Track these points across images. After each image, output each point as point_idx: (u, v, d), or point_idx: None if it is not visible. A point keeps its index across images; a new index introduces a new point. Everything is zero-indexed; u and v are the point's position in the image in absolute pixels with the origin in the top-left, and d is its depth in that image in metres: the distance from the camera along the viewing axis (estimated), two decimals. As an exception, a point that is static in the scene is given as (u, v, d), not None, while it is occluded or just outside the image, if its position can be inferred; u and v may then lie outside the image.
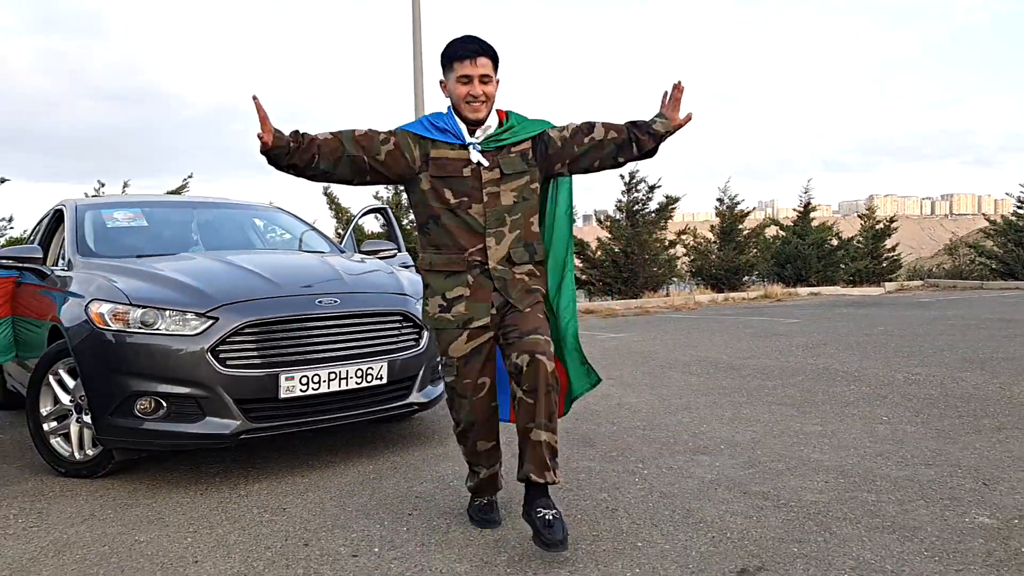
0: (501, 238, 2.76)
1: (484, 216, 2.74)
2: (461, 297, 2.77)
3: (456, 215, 2.76)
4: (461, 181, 2.75)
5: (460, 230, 2.76)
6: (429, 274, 2.84)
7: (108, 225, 4.89)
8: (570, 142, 2.82)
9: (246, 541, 2.88)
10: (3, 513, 3.34)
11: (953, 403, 4.60)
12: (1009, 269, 16.14)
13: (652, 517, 2.91)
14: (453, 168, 2.76)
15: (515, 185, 2.79)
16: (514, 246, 2.78)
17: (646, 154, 2.84)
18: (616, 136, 2.80)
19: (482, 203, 2.74)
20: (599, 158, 2.84)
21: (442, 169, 2.76)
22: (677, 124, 2.78)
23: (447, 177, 2.76)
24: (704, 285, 16.21)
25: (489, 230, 2.75)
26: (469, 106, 2.73)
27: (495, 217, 2.75)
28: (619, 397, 5.20)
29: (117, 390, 3.54)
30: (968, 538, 2.57)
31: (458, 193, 2.75)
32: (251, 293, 3.70)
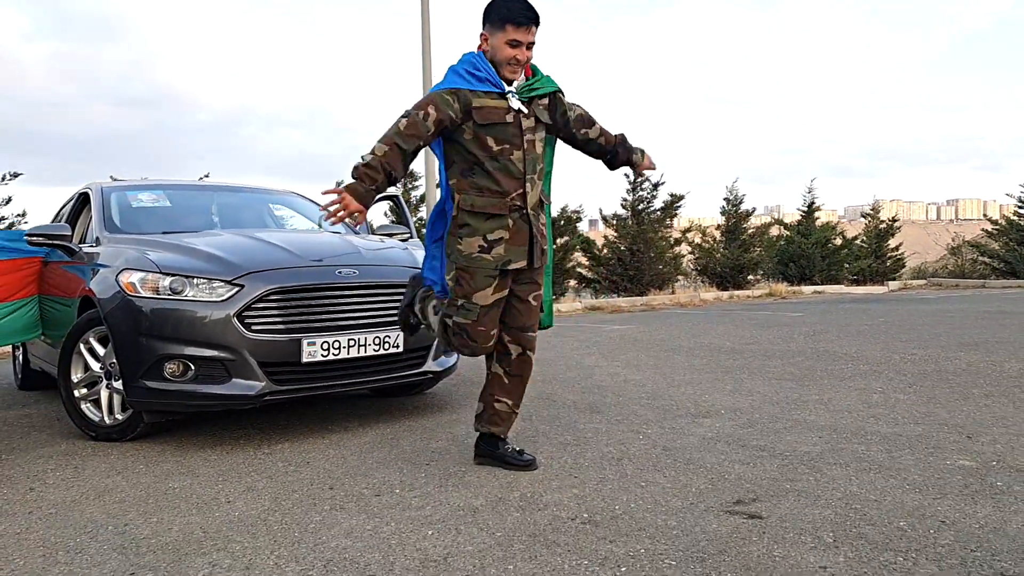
0: (534, 184, 3.02)
1: (524, 162, 2.97)
2: (501, 240, 2.95)
3: (499, 161, 2.94)
4: (503, 128, 2.94)
5: (503, 175, 2.94)
6: (470, 215, 2.96)
7: (133, 205, 5.10)
8: (573, 124, 3.19)
9: (274, 487, 3.07)
10: (40, 468, 3.53)
11: (946, 376, 4.78)
12: (1011, 268, 16.26)
13: (655, 464, 3.10)
14: (496, 116, 2.93)
15: (542, 135, 3.08)
16: (541, 191, 3.08)
17: (613, 162, 3.34)
18: (604, 144, 3.27)
19: (522, 149, 2.96)
20: (582, 148, 3.28)
21: (486, 117, 2.92)
22: (644, 167, 3.38)
23: (491, 124, 2.93)
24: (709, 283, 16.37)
25: (528, 175, 2.99)
26: (511, 67, 2.94)
27: (532, 163, 3.00)
28: (625, 375, 5.39)
29: (147, 354, 3.73)
30: (948, 476, 2.76)
31: (500, 140, 2.94)
32: (275, 263, 3.90)
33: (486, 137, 2.93)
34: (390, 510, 2.70)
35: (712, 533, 2.32)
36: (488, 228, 2.95)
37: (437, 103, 2.90)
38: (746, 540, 2.25)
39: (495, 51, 2.94)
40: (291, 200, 5.92)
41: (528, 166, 2.97)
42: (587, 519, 2.50)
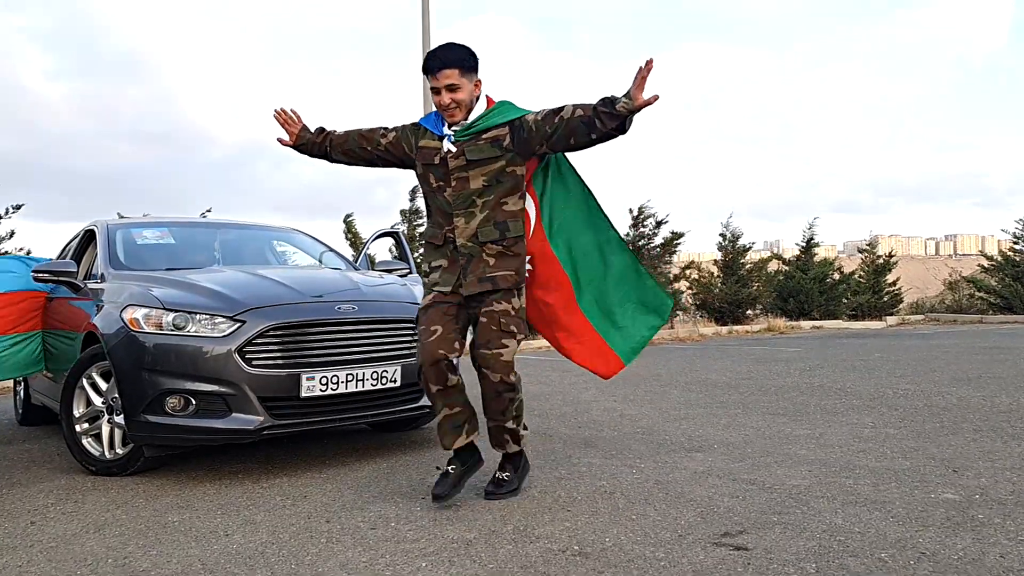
0: (471, 218, 3.17)
1: (453, 199, 3.17)
2: (440, 267, 3.25)
3: (436, 197, 3.25)
4: (435, 168, 3.22)
5: (439, 210, 3.26)
6: (425, 245, 3.35)
7: (138, 242, 5.20)
8: (542, 123, 3.11)
9: (272, 520, 3.12)
10: (41, 502, 3.59)
11: (936, 412, 4.84)
12: (1008, 303, 16.35)
13: (647, 498, 3.15)
14: (429, 157, 3.24)
15: (486, 170, 3.15)
16: (483, 225, 3.16)
17: (613, 130, 2.98)
18: (583, 115, 3.00)
19: (451, 187, 3.18)
20: (571, 135, 3.05)
21: (424, 157, 3.26)
22: (640, 104, 2.88)
23: (427, 164, 3.25)
24: (708, 318, 16.44)
25: (457, 211, 3.18)
26: (446, 112, 3.17)
27: (463, 199, 3.17)
28: (620, 410, 5.44)
29: (150, 389, 3.80)
30: (931, 508, 2.81)
31: (437, 179, 3.23)
32: (276, 299, 3.99)
33: (428, 174, 3.25)
34: (385, 543, 2.76)
35: (699, 564, 2.38)
36: (435, 256, 3.28)
37: (398, 132, 3.34)
38: (731, 571, 2.30)
39: (437, 109, 3.23)
40: (292, 237, 6.03)
41: (458, 203, 3.17)
42: (578, 551, 2.56)
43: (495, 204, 3.16)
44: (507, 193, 3.19)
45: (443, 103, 3.13)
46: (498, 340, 3.13)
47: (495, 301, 3.16)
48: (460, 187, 3.15)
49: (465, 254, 3.17)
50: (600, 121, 2.97)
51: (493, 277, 3.16)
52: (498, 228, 3.17)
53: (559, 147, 3.18)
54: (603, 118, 2.96)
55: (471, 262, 3.17)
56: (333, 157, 3.48)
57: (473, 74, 3.17)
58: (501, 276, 3.16)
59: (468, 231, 3.16)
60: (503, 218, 3.17)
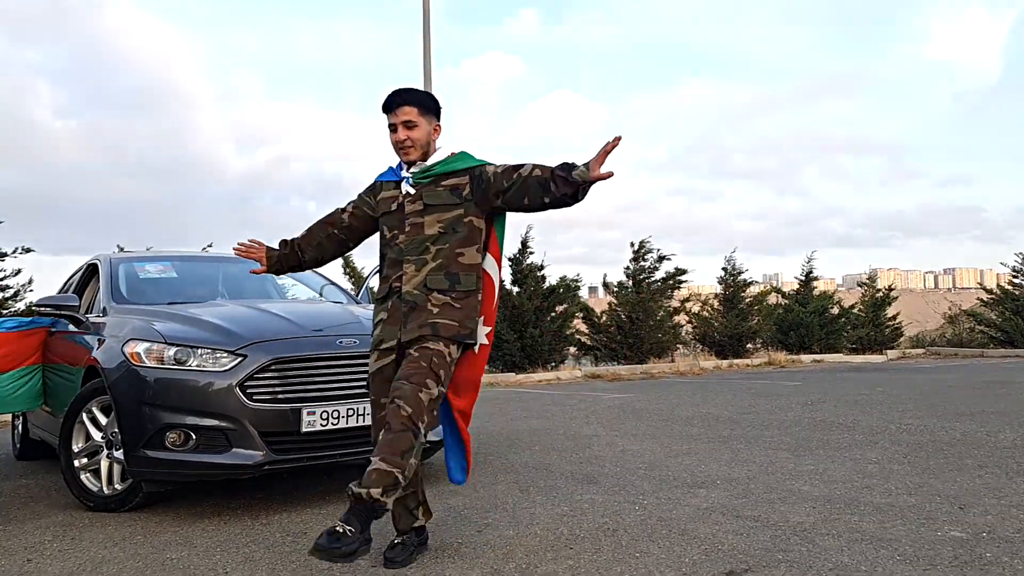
0: (422, 265, 2.96)
1: (406, 244, 2.99)
2: (381, 321, 3.02)
3: (389, 247, 3.06)
4: (392, 216, 3.06)
5: (390, 261, 3.05)
6: (374, 302, 3.17)
7: (140, 276, 5.21)
8: (500, 177, 3.00)
9: (271, 557, 3.09)
10: (38, 539, 3.55)
11: (941, 447, 4.81)
12: (1008, 337, 16.32)
13: (650, 535, 3.12)
14: (386, 205, 3.09)
15: (443, 217, 2.98)
16: (433, 273, 2.94)
17: (567, 197, 2.90)
18: (540, 175, 2.92)
19: (405, 232, 3.01)
20: (526, 195, 2.95)
21: (382, 207, 3.11)
22: (595, 177, 2.82)
23: (384, 214, 3.10)
24: (709, 352, 16.40)
25: (409, 257, 2.98)
26: (400, 151, 3.06)
27: (416, 245, 2.98)
28: (622, 445, 5.41)
29: (150, 423, 3.78)
30: (939, 547, 2.79)
31: (391, 228, 3.06)
32: (277, 333, 3.99)
33: (384, 227, 3.11)
34: (386, 581, 2.72)
35: (704, 604, 2.35)
36: (377, 312, 3.08)
37: (356, 201, 3.24)
38: (738, 611, 2.28)
39: (393, 148, 3.10)
40: (294, 271, 6.03)
41: (411, 248, 2.98)
42: (581, 590, 2.53)
43: (450, 253, 2.97)
44: (463, 243, 3.00)
45: (399, 139, 3.01)
46: (423, 377, 2.80)
47: (432, 340, 2.88)
48: (414, 232, 2.99)
49: (409, 302, 2.93)
50: (555, 184, 2.89)
51: (434, 323, 2.90)
52: (449, 279, 2.95)
53: (513, 204, 3.02)
54: (558, 182, 2.88)
55: (414, 311, 2.92)
56: (306, 259, 3.28)
57: (433, 117, 3.08)
58: (443, 324, 2.91)
59: (416, 279, 2.95)
60: (456, 269, 2.97)
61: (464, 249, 3.00)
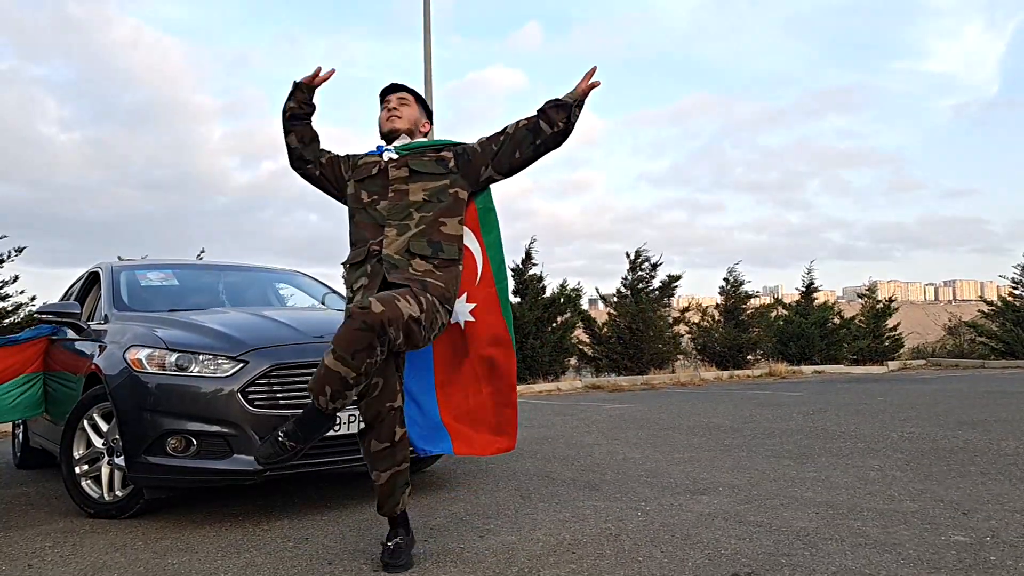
0: (404, 231, 2.93)
1: (388, 210, 2.99)
2: (361, 287, 2.93)
3: (367, 211, 3.04)
4: (373, 181, 3.09)
5: (368, 225, 3.02)
6: (347, 269, 3.09)
7: (142, 284, 5.22)
8: (487, 144, 3.09)
9: (273, 563, 3.08)
10: (38, 545, 3.54)
11: (943, 455, 4.80)
12: (1009, 348, 16.30)
13: (653, 540, 3.11)
14: (367, 170, 3.12)
15: (428, 185, 3.02)
16: (416, 239, 2.92)
17: (559, 131, 2.96)
18: (527, 122, 3.01)
19: (387, 199, 3.02)
20: (517, 147, 3.02)
21: (360, 173, 3.14)
22: (582, 89, 2.95)
23: (363, 179, 3.12)
24: (709, 363, 16.38)
25: (391, 221, 2.96)
26: (386, 119, 3.17)
27: (399, 210, 2.98)
28: (624, 453, 5.40)
29: (151, 429, 3.77)
30: (943, 551, 2.78)
31: (371, 192, 3.07)
32: (279, 339, 3.98)
33: (360, 190, 3.10)
34: (388, 585, 2.71)
35: (708, 607, 2.34)
36: (354, 278, 3.01)
37: (333, 155, 3.28)
38: (742, 614, 2.27)
39: (379, 126, 3.23)
40: (295, 279, 6.05)
41: (393, 213, 2.97)
42: (584, 594, 2.52)
43: (433, 221, 2.95)
44: (446, 213, 2.98)
45: (389, 107, 3.18)
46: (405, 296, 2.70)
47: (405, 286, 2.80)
48: (398, 198, 2.99)
49: (391, 263, 2.86)
50: (547, 120, 2.96)
51: (423, 281, 2.83)
52: (432, 246, 2.92)
53: (503, 164, 3.06)
54: (549, 113, 2.96)
55: (395, 270, 2.85)
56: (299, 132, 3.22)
57: (424, 113, 3.25)
58: (431, 283, 2.84)
59: (399, 243, 2.90)
60: (438, 238, 2.94)
61: (447, 219, 3.01)
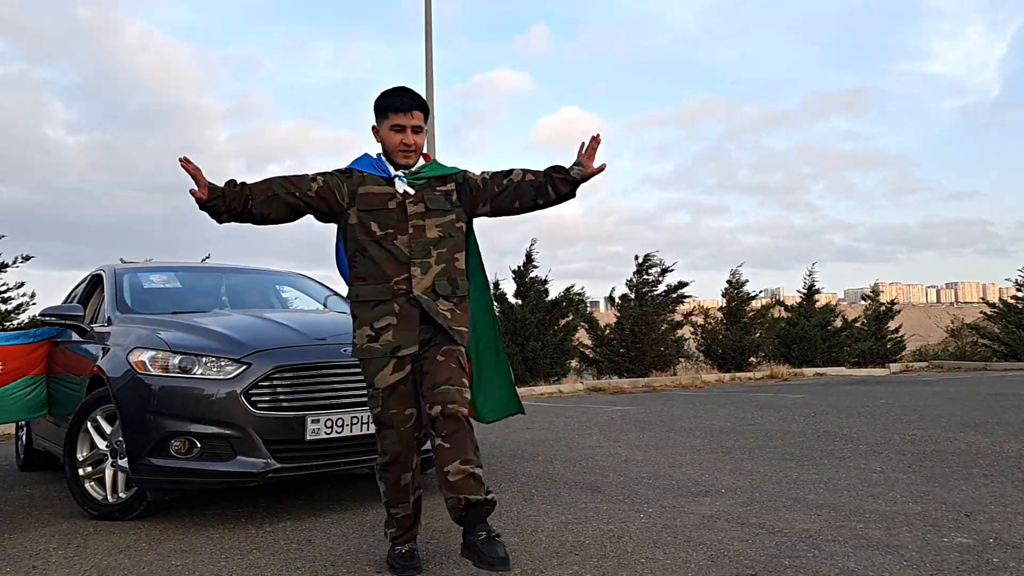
0: (427, 269, 2.90)
1: (410, 247, 2.89)
2: (389, 326, 2.86)
3: (382, 246, 2.90)
4: (387, 214, 2.91)
5: (386, 260, 2.89)
6: (356, 305, 2.94)
7: (145, 286, 5.23)
8: (490, 183, 3.06)
9: (276, 564, 3.09)
10: (43, 546, 3.55)
11: (945, 457, 4.80)
12: (1012, 351, 16.30)
13: (655, 542, 3.12)
14: (379, 202, 2.93)
15: (440, 221, 2.95)
16: (439, 278, 2.91)
17: (563, 197, 3.06)
18: (533, 180, 3.04)
19: (407, 235, 2.90)
20: (518, 198, 3.06)
21: (369, 203, 2.93)
22: (591, 172, 3.02)
23: (374, 210, 2.92)
24: (711, 365, 16.37)
25: (415, 260, 2.89)
26: (402, 154, 2.96)
27: (420, 248, 2.90)
28: (626, 455, 5.40)
29: (155, 431, 3.78)
30: (945, 552, 2.78)
31: (384, 225, 2.91)
32: (282, 342, 3.99)
33: (369, 222, 2.92)
34: (392, 587, 2.72)
35: (711, 608, 2.34)
36: (374, 316, 2.89)
37: (327, 178, 2.98)
38: (744, 615, 2.27)
39: (385, 142, 3.00)
40: (297, 281, 6.06)
41: (416, 251, 2.90)
42: (587, 595, 2.52)
43: (449, 258, 2.95)
44: (457, 248, 3.00)
45: (406, 142, 2.95)
46: (459, 378, 2.82)
47: (451, 342, 2.89)
48: (417, 235, 2.91)
49: (423, 303, 2.87)
50: (553, 187, 3.03)
51: (459, 331, 2.92)
52: (451, 284, 2.94)
53: (501, 208, 3.10)
54: (558, 184, 3.03)
55: (428, 314, 2.87)
56: (255, 211, 2.91)
57: (425, 123, 3.09)
58: (459, 332, 2.93)
59: (425, 283, 2.89)
60: (455, 275, 2.96)
61: (458, 254, 3.01)
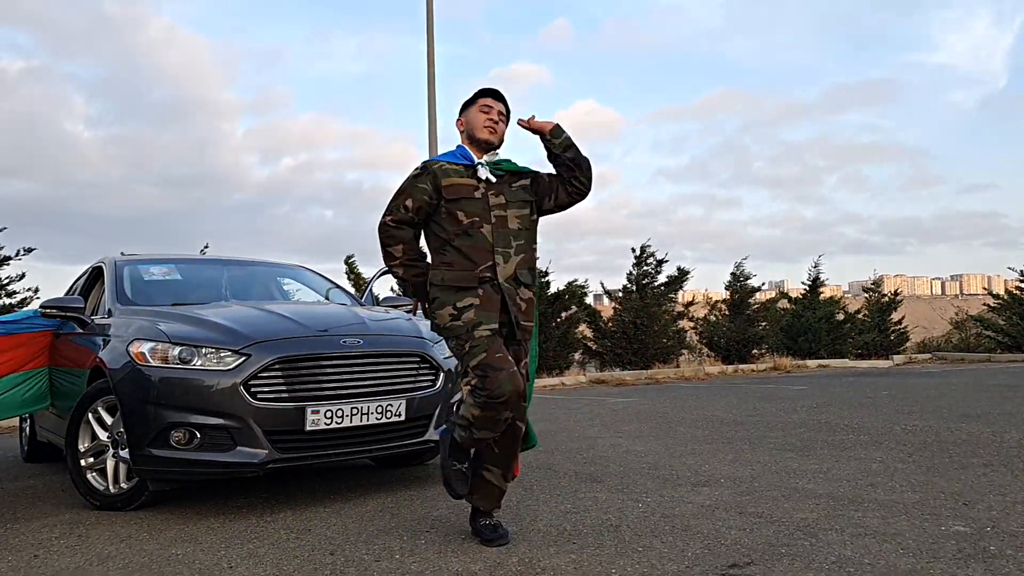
0: (508, 258, 3.06)
1: (492, 236, 3.05)
2: (471, 306, 2.99)
3: (469, 235, 3.05)
4: (472, 202, 3.07)
5: (472, 248, 3.03)
6: (440, 289, 3.05)
7: (145, 279, 5.24)
8: (555, 180, 3.25)
9: (276, 552, 3.10)
10: (45, 536, 3.57)
11: (946, 447, 4.80)
12: (1016, 342, 16.27)
13: (653, 530, 3.12)
14: (465, 191, 3.09)
15: (519, 213, 3.13)
16: (520, 267, 3.08)
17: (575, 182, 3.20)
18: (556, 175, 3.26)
19: (491, 224, 3.06)
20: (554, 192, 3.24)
21: (455, 193, 3.08)
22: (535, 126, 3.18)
23: (459, 199, 3.07)
24: (714, 357, 16.37)
25: (498, 248, 3.04)
26: (487, 129, 3.15)
27: (502, 238, 3.06)
28: (627, 446, 5.41)
29: (155, 422, 3.79)
30: (942, 541, 2.78)
31: (470, 214, 3.06)
32: (282, 333, 4.00)
33: (456, 211, 3.06)
34: (390, 575, 2.73)
35: (706, 596, 2.35)
36: (457, 298, 3.01)
37: (409, 191, 3.14)
38: (740, 602, 2.28)
39: (471, 125, 3.18)
40: (299, 273, 6.07)
41: (499, 240, 3.05)
42: (584, 583, 2.53)
43: (527, 248, 3.13)
44: (532, 240, 3.19)
45: (492, 118, 3.15)
46: (523, 387, 2.96)
47: (520, 348, 3.12)
48: (500, 225, 3.07)
49: (507, 290, 3.03)
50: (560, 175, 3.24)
51: (526, 326, 3.11)
52: (530, 273, 3.14)
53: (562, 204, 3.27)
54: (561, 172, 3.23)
55: (513, 300, 3.05)
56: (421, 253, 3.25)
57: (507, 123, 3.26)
58: (526, 328, 3.12)
59: (508, 271, 3.05)
60: (532, 264, 3.16)
61: (534, 246, 3.22)
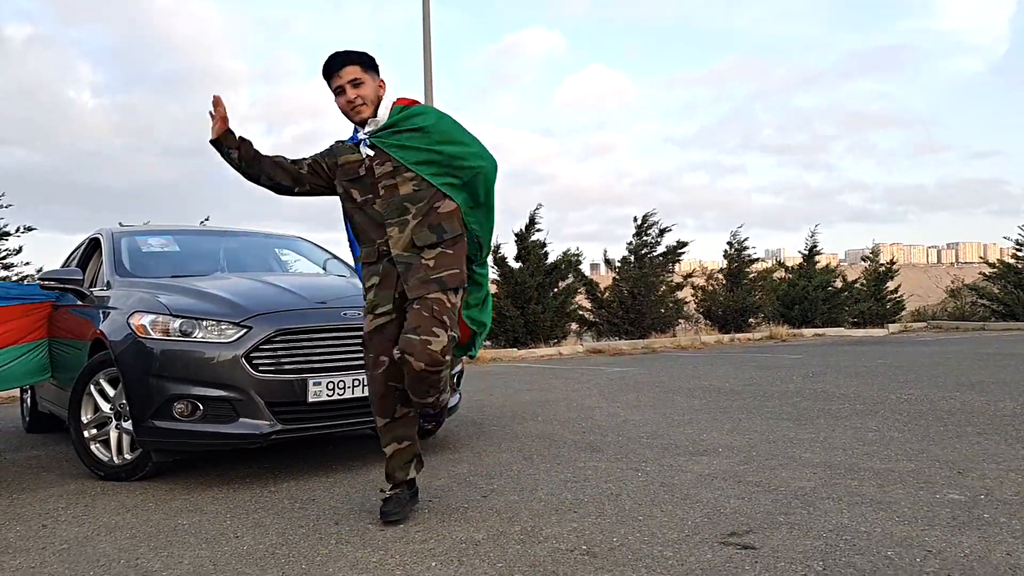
0: (405, 226, 2.99)
1: (385, 208, 3.02)
2: (373, 286, 3.07)
3: (364, 212, 3.07)
4: (362, 181, 3.07)
5: (369, 224, 3.07)
6: (363, 267, 3.16)
7: (143, 250, 5.24)
8: None
9: (281, 522, 3.14)
10: (52, 506, 3.61)
11: (940, 416, 4.85)
12: (1011, 311, 16.36)
13: (653, 499, 3.17)
14: (353, 171, 3.09)
15: (413, 174, 3.01)
16: (417, 230, 2.98)
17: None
18: None
19: (380, 196, 3.03)
20: None
21: (346, 173, 3.11)
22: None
23: (351, 179, 3.10)
24: (711, 326, 16.44)
25: (390, 220, 3.00)
26: (353, 112, 3.05)
27: (395, 208, 3.00)
28: (625, 415, 5.46)
29: (157, 394, 3.82)
30: (937, 508, 2.83)
31: (363, 191, 3.07)
32: (282, 305, 4.02)
33: (351, 190, 3.10)
34: (394, 543, 2.78)
35: (706, 563, 2.40)
36: (368, 275, 3.11)
37: (312, 160, 3.21)
38: (739, 569, 2.32)
39: (340, 110, 3.09)
40: (296, 244, 6.06)
41: (390, 211, 3.00)
42: (586, 551, 2.58)
43: (428, 208, 3.01)
44: (436, 196, 3.03)
45: (348, 99, 3.02)
46: (428, 327, 2.87)
47: (431, 292, 2.95)
48: (389, 195, 3.01)
49: (403, 263, 2.99)
50: None
51: (440, 278, 2.97)
52: (434, 231, 3.00)
53: None
54: None
55: (410, 269, 2.98)
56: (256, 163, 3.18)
57: (375, 74, 3.09)
58: (448, 275, 2.99)
59: (403, 240, 2.99)
60: (438, 221, 3.01)
61: (439, 201, 3.05)
